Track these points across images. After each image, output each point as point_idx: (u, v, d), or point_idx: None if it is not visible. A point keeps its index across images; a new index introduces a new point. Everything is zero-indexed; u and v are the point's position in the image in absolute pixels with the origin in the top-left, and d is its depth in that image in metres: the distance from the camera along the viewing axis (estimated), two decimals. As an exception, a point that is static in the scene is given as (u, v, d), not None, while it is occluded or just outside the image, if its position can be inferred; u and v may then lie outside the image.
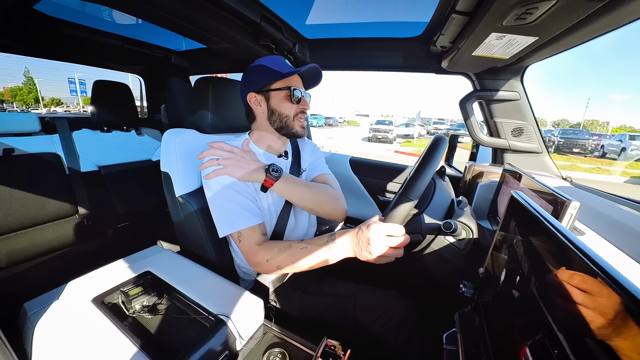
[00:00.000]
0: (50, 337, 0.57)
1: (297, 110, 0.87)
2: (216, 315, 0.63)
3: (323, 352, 0.59)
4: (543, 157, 1.26)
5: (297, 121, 0.88)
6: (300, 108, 0.87)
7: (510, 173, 0.96)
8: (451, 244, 0.79)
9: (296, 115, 0.87)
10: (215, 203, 0.80)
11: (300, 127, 0.89)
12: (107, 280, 0.75)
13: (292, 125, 0.87)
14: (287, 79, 0.84)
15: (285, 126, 0.87)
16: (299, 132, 0.89)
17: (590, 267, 0.28)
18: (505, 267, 0.49)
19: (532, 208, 0.44)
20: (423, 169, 0.70)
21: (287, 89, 0.84)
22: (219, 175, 0.78)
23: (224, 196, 0.78)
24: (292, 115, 0.86)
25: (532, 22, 0.65)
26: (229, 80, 1.02)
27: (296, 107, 0.86)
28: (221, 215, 0.79)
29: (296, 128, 0.88)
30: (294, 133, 0.88)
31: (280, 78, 0.83)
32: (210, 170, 0.79)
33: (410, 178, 0.73)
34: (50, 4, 1.12)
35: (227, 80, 1.01)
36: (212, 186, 0.80)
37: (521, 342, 0.38)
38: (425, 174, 0.70)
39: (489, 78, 1.20)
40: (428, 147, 0.77)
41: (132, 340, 0.57)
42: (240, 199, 0.79)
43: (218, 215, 0.79)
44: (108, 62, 1.90)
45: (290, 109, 0.86)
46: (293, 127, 0.87)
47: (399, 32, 1.29)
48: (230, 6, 0.99)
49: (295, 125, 0.87)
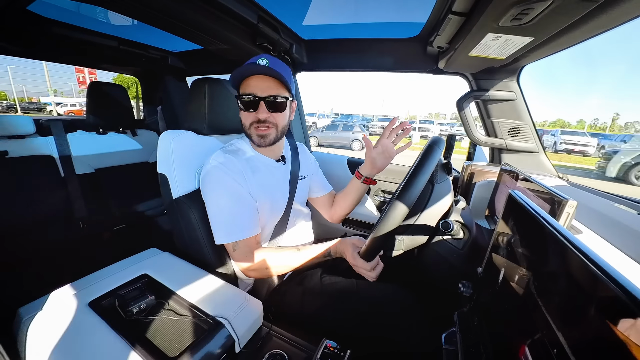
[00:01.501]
0: (46, 343, 0.56)
1: (252, 119, 0.81)
2: (214, 318, 0.63)
3: (322, 354, 0.59)
4: (540, 156, 1.26)
5: (254, 130, 0.82)
6: (255, 117, 0.80)
7: (508, 172, 0.96)
8: (449, 244, 0.80)
9: (252, 124, 0.81)
10: (214, 210, 0.80)
11: (257, 135, 0.82)
12: (104, 284, 0.74)
13: (249, 134, 0.83)
14: (244, 84, 0.79)
15: (247, 134, 0.84)
16: (256, 141, 0.83)
17: (588, 266, 0.28)
18: (504, 267, 0.49)
19: (530, 207, 0.44)
20: (411, 183, 0.65)
21: (239, 97, 0.80)
22: (217, 182, 0.79)
23: (222, 204, 0.79)
24: (247, 124, 0.82)
25: (528, 23, 0.65)
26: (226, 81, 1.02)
27: (252, 115, 0.80)
28: (219, 223, 0.79)
29: (253, 137, 0.83)
30: (254, 141, 0.84)
31: (236, 85, 0.81)
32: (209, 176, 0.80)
33: (397, 194, 0.68)
34: (45, 5, 1.11)
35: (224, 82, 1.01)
36: (210, 192, 0.80)
37: (520, 341, 0.38)
38: (412, 190, 0.65)
39: (485, 78, 1.21)
40: (422, 152, 0.74)
41: (129, 345, 0.56)
42: (238, 209, 0.79)
43: (216, 223, 0.80)
44: (104, 63, 1.89)
45: (245, 117, 0.82)
46: (251, 135, 0.83)
47: (396, 33, 1.29)
48: (227, 7, 0.98)
49: (252, 134, 0.83)
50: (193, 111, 0.96)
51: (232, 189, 0.79)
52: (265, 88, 0.78)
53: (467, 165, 1.26)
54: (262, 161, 0.89)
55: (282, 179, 0.94)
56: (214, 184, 0.79)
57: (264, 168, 0.88)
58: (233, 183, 0.80)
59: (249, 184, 0.83)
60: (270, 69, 0.76)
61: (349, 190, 1.05)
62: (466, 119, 1.31)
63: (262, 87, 0.78)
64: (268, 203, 0.88)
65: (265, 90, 0.78)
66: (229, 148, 0.86)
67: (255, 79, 0.79)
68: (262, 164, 0.89)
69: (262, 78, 0.79)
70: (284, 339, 0.68)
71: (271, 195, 0.89)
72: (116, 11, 0.99)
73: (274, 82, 0.79)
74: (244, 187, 0.82)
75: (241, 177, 0.82)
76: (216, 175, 0.79)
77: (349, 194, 1.05)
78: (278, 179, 0.92)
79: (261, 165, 0.88)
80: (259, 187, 0.85)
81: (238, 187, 0.80)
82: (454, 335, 0.56)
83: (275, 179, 0.91)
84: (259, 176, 0.86)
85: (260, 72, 0.78)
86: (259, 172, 0.86)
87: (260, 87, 0.78)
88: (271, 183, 0.89)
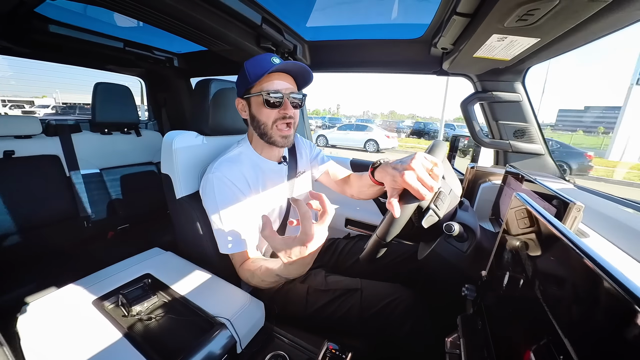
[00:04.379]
0: (50, 339, 0.57)
1: (275, 117, 0.78)
2: (216, 318, 0.63)
3: (324, 356, 0.59)
4: (545, 158, 1.25)
5: (276, 129, 0.80)
6: (280, 113, 0.78)
7: (512, 175, 0.95)
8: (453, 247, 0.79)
9: (275, 121, 0.79)
10: (213, 219, 0.80)
11: (280, 137, 0.80)
12: (107, 283, 0.74)
13: (270, 134, 0.81)
14: (264, 81, 0.77)
15: (265, 134, 0.81)
16: (278, 142, 0.81)
17: (595, 271, 0.27)
18: (509, 270, 0.49)
19: (535, 210, 0.43)
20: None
21: (261, 93, 0.77)
22: (218, 193, 0.77)
23: (220, 218, 0.78)
24: (270, 122, 0.79)
25: (533, 24, 0.65)
26: (230, 82, 1.02)
27: (275, 112, 0.78)
28: (217, 234, 0.80)
29: (274, 137, 0.80)
30: (274, 142, 0.81)
31: (255, 81, 0.77)
32: (209, 186, 0.79)
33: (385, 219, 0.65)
34: (52, 7, 1.13)
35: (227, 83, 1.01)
36: (211, 202, 0.79)
37: (525, 346, 0.37)
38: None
39: (490, 80, 1.20)
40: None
41: (131, 343, 0.57)
42: (233, 226, 0.78)
43: (215, 233, 0.80)
44: (109, 64, 1.91)
45: (267, 115, 0.79)
46: (272, 135, 0.80)
47: (400, 34, 1.29)
48: (232, 9, 0.99)
49: (274, 134, 0.80)
50: (196, 112, 0.97)
51: (233, 202, 0.78)
52: (289, 85, 0.80)
53: (471, 167, 1.24)
54: (265, 165, 0.89)
55: (283, 180, 0.94)
56: (215, 195, 0.78)
57: (267, 172, 0.88)
58: (234, 195, 0.79)
59: (252, 189, 0.83)
60: (302, 66, 0.78)
61: (367, 185, 0.95)
62: (470, 121, 1.29)
63: (285, 84, 0.79)
64: (270, 205, 0.88)
65: (289, 88, 0.80)
66: (231, 154, 0.85)
67: (278, 75, 0.79)
68: (265, 168, 0.88)
69: (284, 75, 0.80)
70: (286, 340, 0.68)
71: (273, 197, 0.89)
72: (122, 13, 1.00)
73: (292, 79, 0.82)
74: (246, 194, 0.81)
75: (244, 185, 0.81)
76: (217, 186, 0.78)
77: (367, 188, 0.96)
78: (280, 181, 0.92)
79: (264, 169, 0.88)
80: (262, 191, 0.85)
81: (239, 197, 0.79)
82: (458, 339, 0.56)
83: (277, 181, 0.91)
84: (262, 180, 0.86)
85: (289, 69, 0.79)
86: (262, 176, 0.86)
87: (283, 84, 0.79)
88: (273, 186, 0.89)
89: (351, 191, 1.06)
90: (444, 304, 0.85)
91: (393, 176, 0.64)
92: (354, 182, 1.05)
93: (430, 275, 0.89)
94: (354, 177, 1.06)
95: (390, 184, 0.66)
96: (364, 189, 0.98)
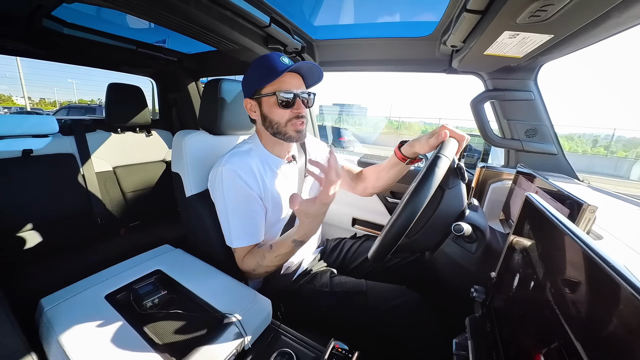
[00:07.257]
0: (65, 332, 0.59)
1: (289, 116, 0.80)
2: (224, 314, 0.64)
3: (330, 354, 0.59)
4: (559, 158, 1.21)
5: (291, 126, 0.81)
6: (294, 113, 0.80)
7: (524, 175, 0.93)
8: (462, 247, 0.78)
9: (289, 120, 0.81)
10: (221, 214, 0.83)
11: (294, 131, 0.82)
12: (119, 278, 0.76)
13: (284, 131, 0.82)
14: (276, 82, 0.78)
15: (279, 132, 0.83)
16: (293, 137, 0.83)
17: (610, 274, 0.27)
18: (519, 272, 0.48)
19: (547, 211, 0.42)
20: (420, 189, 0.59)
21: (274, 94, 0.78)
22: (227, 187, 0.80)
23: (228, 211, 0.81)
24: (284, 121, 0.81)
25: (547, 20, 0.63)
26: (238, 82, 1.03)
27: (288, 112, 0.80)
28: (224, 226, 0.83)
29: (289, 133, 0.82)
30: (288, 138, 0.83)
31: (268, 82, 0.78)
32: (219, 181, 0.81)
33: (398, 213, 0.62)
34: (68, 11, 1.16)
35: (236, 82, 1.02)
36: (220, 195, 0.82)
37: (535, 350, 0.37)
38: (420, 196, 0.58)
39: (501, 77, 1.17)
40: (427, 166, 0.66)
41: (142, 337, 0.58)
42: (240, 219, 0.81)
43: (222, 225, 0.84)
44: (122, 65, 1.95)
45: (281, 115, 0.80)
46: (286, 132, 0.82)
47: (408, 32, 1.27)
48: (240, 9, 1.00)
49: (289, 131, 0.82)
50: (206, 111, 0.98)
51: (241, 195, 0.81)
52: (299, 85, 0.82)
53: (481, 167, 1.22)
54: (274, 161, 0.90)
55: (293, 179, 0.94)
56: (224, 188, 0.80)
57: (276, 169, 0.89)
58: (243, 189, 0.80)
59: (261, 184, 0.84)
60: (313, 65, 0.81)
61: (387, 167, 0.97)
62: (480, 120, 1.27)
63: (295, 84, 0.81)
64: (277, 203, 0.88)
65: (299, 87, 0.82)
66: (241, 149, 0.87)
67: (289, 76, 0.80)
68: (274, 165, 0.89)
69: (295, 75, 0.82)
70: (293, 338, 0.68)
71: (281, 195, 0.89)
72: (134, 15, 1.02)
73: (300, 78, 0.84)
74: (255, 189, 0.82)
75: (253, 179, 0.82)
76: (227, 179, 0.80)
77: (387, 170, 0.98)
78: (289, 179, 0.93)
79: (273, 165, 0.89)
80: (271, 187, 0.86)
81: (248, 191, 0.81)
82: (466, 341, 0.55)
83: (286, 179, 0.92)
84: (271, 177, 0.87)
85: (300, 68, 0.81)
86: (271, 172, 0.87)
87: (294, 84, 0.81)
88: (282, 184, 0.90)
89: (365, 184, 1.06)
90: (452, 305, 0.84)
91: (428, 137, 0.81)
92: (369, 171, 1.05)
93: (438, 276, 0.88)
94: (369, 168, 1.07)
95: (424, 146, 0.82)
96: (382, 174, 1.00)
